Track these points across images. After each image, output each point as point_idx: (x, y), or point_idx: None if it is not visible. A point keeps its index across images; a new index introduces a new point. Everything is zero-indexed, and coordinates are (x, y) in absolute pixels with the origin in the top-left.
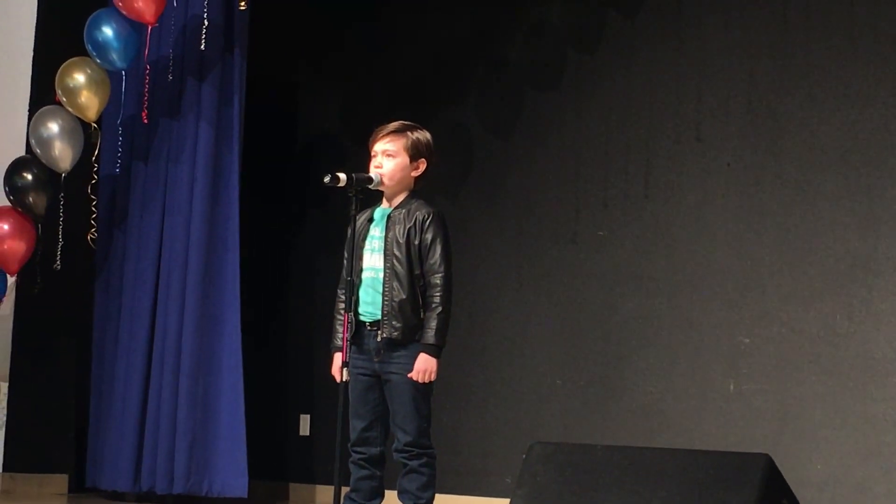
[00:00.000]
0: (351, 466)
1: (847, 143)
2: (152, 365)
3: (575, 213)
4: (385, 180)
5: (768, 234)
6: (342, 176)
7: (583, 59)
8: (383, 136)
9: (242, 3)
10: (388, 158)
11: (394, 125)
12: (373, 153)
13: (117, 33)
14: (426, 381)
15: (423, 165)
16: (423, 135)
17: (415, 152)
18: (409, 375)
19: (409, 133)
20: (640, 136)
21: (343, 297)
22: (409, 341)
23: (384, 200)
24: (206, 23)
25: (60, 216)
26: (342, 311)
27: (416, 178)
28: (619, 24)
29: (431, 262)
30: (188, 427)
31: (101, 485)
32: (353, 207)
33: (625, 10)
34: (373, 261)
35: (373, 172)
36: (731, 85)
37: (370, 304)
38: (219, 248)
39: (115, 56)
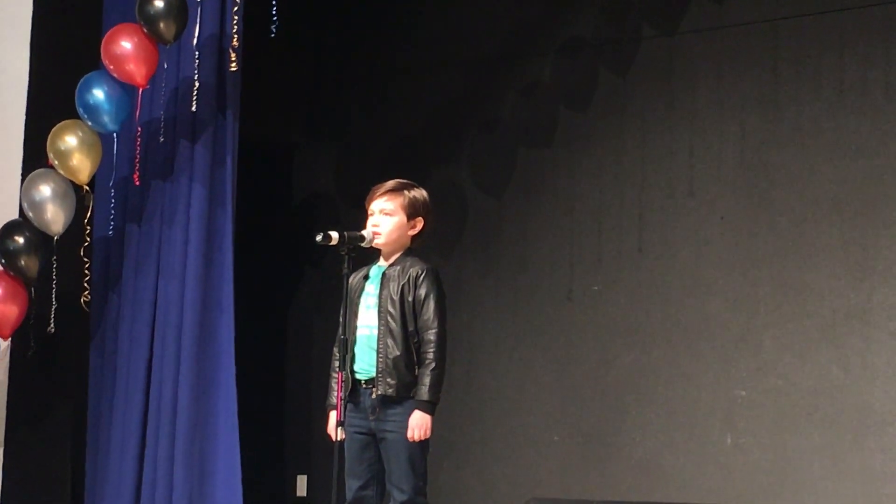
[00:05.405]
0: None
1: (839, 194)
2: (147, 427)
3: (569, 268)
4: (382, 239)
5: (763, 286)
6: (334, 234)
7: (574, 116)
8: (380, 194)
9: (233, 65)
10: (385, 217)
11: (391, 184)
12: (370, 212)
13: (108, 96)
14: (421, 437)
15: (420, 224)
16: (420, 193)
17: (412, 211)
18: (406, 435)
19: (405, 192)
20: (632, 192)
21: (338, 355)
22: (403, 398)
23: (381, 258)
24: (197, 84)
25: (53, 279)
26: (337, 370)
27: (413, 237)
28: (611, 82)
29: (425, 318)
30: (185, 490)
31: None
32: (346, 266)
33: (616, 67)
34: (368, 318)
35: (368, 231)
36: (723, 139)
37: (365, 361)
38: (213, 309)
39: (106, 118)
